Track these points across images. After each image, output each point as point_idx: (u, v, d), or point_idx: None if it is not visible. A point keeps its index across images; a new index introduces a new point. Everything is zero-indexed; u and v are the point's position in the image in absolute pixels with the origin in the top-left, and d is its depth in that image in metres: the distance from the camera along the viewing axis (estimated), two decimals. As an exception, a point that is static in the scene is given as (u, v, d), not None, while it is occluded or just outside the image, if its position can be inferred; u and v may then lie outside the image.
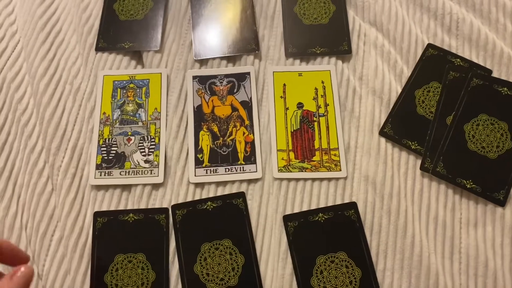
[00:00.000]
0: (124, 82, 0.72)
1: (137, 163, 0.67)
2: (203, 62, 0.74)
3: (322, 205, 0.64)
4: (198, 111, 0.70)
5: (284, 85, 0.71)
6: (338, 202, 0.64)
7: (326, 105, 0.70)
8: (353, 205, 0.63)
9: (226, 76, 0.72)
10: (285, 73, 0.72)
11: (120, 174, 0.66)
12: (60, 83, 0.73)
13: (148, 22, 0.77)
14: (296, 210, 0.63)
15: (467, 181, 0.63)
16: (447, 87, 0.69)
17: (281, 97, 0.71)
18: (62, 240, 0.63)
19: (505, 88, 0.68)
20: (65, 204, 0.64)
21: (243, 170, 0.66)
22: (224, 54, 0.74)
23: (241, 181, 0.66)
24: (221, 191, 0.65)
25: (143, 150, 0.68)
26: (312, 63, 0.74)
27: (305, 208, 0.64)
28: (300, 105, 0.70)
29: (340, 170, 0.65)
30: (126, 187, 0.66)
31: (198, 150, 0.67)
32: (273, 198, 0.65)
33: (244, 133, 0.69)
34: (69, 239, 0.62)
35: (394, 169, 0.66)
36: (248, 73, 0.72)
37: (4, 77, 0.74)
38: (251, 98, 0.71)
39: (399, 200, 0.63)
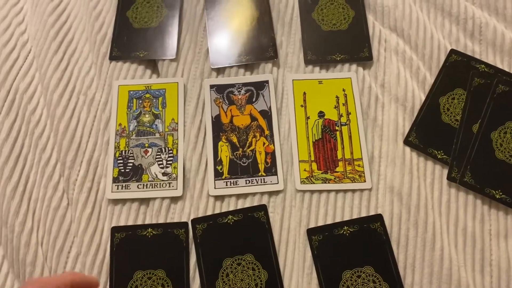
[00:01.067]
0: (140, 92, 0.70)
1: (155, 175, 0.65)
2: (220, 70, 0.72)
3: (346, 218, 0.62)
4: (216, 121, 0.68)
5: (304, 93, 0.70)
6: (363, 214, 0.62)
7: (348, 113, 0.68)
8: (379, 217, 0.61)
9: (244, 84, 0.70)
10: (305, 81, 0.70)
11: (138, 187, 0.64)
12: (74, 94, 0.71)
13: (163, 29, 0.75)
14: (320, 223, 0.62)
15: (496, 191, 0.61)
16: (472, 94, 0.67)
17: (302, 105, 0.69)
18: (79, 256, 0.61)
19: (533, 95, 0.66)
20: (82, 219, 0.62)
21: (264, 182, 0.64)
22: (242, 62, 0.72)
23: (262, 193, 0.64)
24: (241, 204, 0.64)
25: (161, 162, 0.66)
26: (332, 70, 0.72)
27: (329, 221, 0.62)
28: (321, 114, 0.68)
29: (365, 181, 0.63)
30: (144, 201, 0.64)
31: (217, 161, 0.65)
32: (296, 211, 0.63)
33: (264, 144, 0.67)
34: (87, 256, 0.60)
35: (420, 179, 0.64)
36: (267, 81, 0.70)
37: (17, 88, 0.72)
38: (270, 107, 0.69)
39: (426, 211, 0.61)
